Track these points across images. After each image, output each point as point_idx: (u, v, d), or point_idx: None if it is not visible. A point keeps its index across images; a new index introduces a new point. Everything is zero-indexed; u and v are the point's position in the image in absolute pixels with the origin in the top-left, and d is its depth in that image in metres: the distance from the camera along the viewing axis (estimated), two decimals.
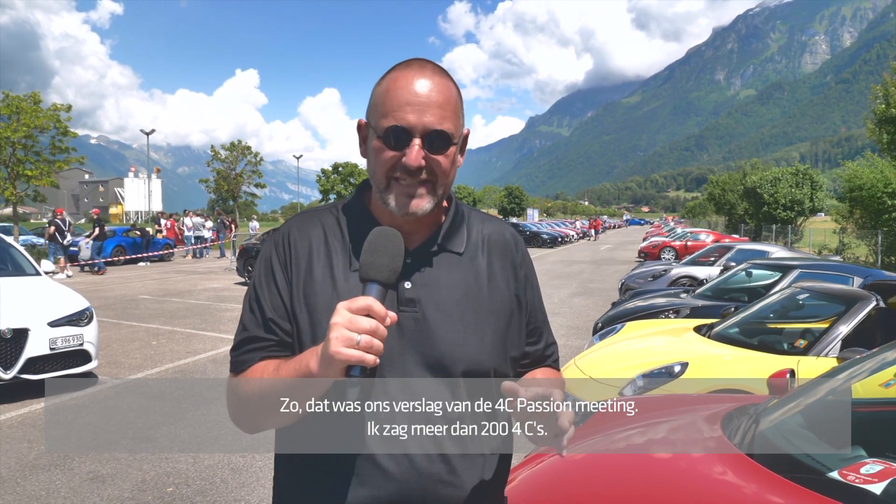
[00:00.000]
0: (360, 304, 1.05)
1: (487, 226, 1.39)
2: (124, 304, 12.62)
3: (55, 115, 23.53)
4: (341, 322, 1.03)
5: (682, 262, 14.50)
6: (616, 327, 6.35)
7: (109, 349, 8.30)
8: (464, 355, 1.23)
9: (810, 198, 35.29)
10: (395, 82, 1.21)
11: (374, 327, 1.03)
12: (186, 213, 28.57)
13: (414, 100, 1.18)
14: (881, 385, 2.80)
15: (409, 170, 1.18)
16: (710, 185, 55.67)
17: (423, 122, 1.18)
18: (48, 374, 6.15)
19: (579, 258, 28.13)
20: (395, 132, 1.18)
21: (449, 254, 1.30)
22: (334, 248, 1.28)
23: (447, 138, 1.20)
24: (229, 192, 42.64)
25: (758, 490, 2.19)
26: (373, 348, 1.03)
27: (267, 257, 1.31)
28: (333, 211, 1.35)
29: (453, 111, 1.22)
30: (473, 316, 1.26)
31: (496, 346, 1.28)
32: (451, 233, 1.32)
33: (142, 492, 4.16)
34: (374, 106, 1.24)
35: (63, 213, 19.91)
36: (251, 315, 1.28)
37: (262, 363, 1.23)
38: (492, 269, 1.33)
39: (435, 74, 1.23)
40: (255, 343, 1.25)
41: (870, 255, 21.83)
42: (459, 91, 1.28)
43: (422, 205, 1.21)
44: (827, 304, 5.45)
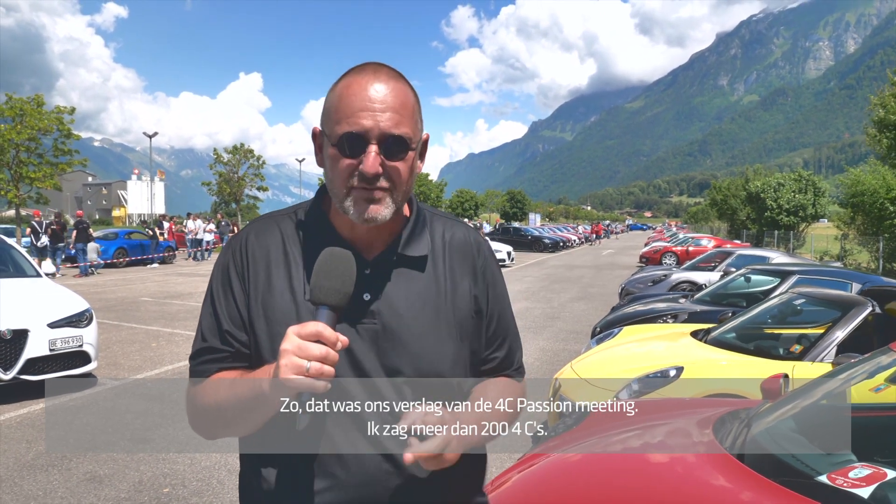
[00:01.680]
0: (309, 329, 1.04)
1: (449, 229, 1.35)
2: (125, 306, 12.65)
3: (59, 117, 23.65)
4: (290, 349, 1.03)
5: (683, 268, 14.51)
6: (613, 331, 6.35)
7: (109, 351, 8.32)
8: (424, 366, 1.22)
9: (813, 204, 35.29)
10: (348, 88, 1.17)
11: (325, 354, 1.03)
12: (190, 216, 28.62)
13: (368, 105, 1.14)
14: (871, 390, 2.81)
15: (367, 177, 1.15)
16: (712, 191, 55.66)
17: (378, 127, 1.14)
18: (48, 374, 6.17)
19: (580, 263, 28.13)
20: (349, 139, 1.14)
21: (409, 262, 1.27)
22: (293, 257, 1.26)
23: (405, 143, 1.17)
24: (232, 196, 42.70)
25: (747, 493, 2.20)
26: (323, 374, 1.02)
27: (224, 265, 1.29)
28: (292, 216, 1.32)
29: (410, 115, 1.19)
30: (434, 327, 1.25)
31: (457, 355, 1.27)
32: (412, 240, 1.29)
33: (138, 492, 4.18)
34: (327, 113, 1.20)
35: (39, 216, 20.01)
36: (209, 323, 1.27)
37: (218, 376, 1.23)
38: (453, 274, 1.30)
39: (390, 78, 1.19)
40: (213, 354, 1.25)
41: (871, 261, 21.82)
42: (416, 95, 1.24)
43: (381, 211, 1.18)
44: (823, 309, 5.45)
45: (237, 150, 42.14)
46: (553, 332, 10.54)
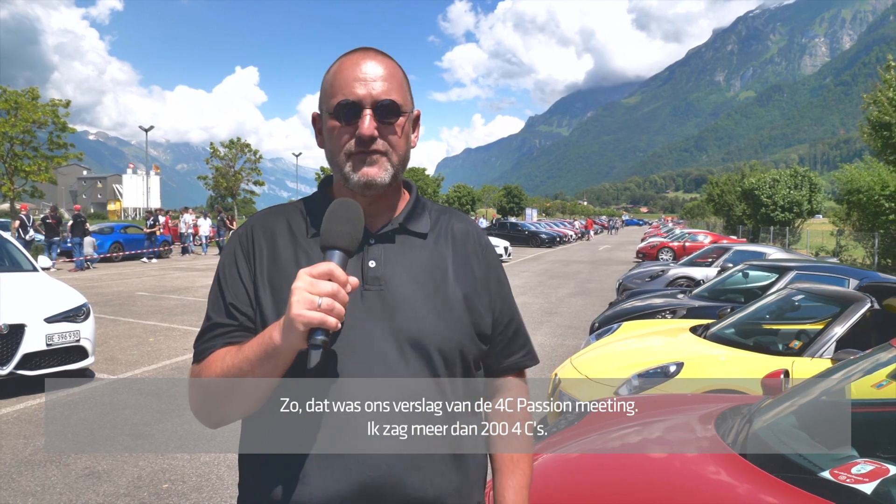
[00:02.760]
0: (321, 268, 1.06)
1: (449, 218, 1.40)
2: (121, 301, 12.62)
3: (53, 110, 23.52)
4: (302, 286, 1.05)
5: (680, 263, 14.52)
6: (612, 327, 6.36)
7: (106, 346, 8.30)
8: (432, 328, 1.23)
9: (808, 200, 35.35)
10: (341, 66, 1.27)
11: (336, 290, 1.05)
12: (187, 210, 28.55)
13: (360, 76, 1.23)
14: (873, 386, 2.81)
15: (363, 140, 1.22)
16: (709, 186, 55.74)
17: (370, 94, 1.22)
18: (44, 370, 6.15)
19: (577, 258, 28.15)
20: (345, 106, 1.23)
21: (412, 236, 1.32)
22: (298, 234, 1.30)
23: (396, 108, 1.24)
24: (228, 190, 42.61)
25: (750, 489, 2.20)
26: (334, 311, 1.04)
27: (230, 251, 1.32)
28: (297, 205, 1.38)
29: (399, 85, 1.27)
30: (437, 293, 1.27)
31: (463, 322, 1.28)
32: (413, 216, 1.34)
33: (137, 488, 4.17)
34: (323, 92, 1.29)
35: (27, 209, 19.96)
36: (213, 304, 1.29)
37: (224, 349, 1.22)
38: (455, 255, 1.34)
39: (379, 55, 1.29)
40: (217, 330, 1.26)
41: (867, 257, 21.88)
42: (404, 71, 1.33)
43: (379, 173, 1.24)
44: (822, 305, 5.46)
45: (234, 144, 42.06)
46: (551, 327, 10.55)
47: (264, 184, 45.75)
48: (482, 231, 1.44)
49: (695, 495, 2.25)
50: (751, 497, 2.17)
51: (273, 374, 1.13)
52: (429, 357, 1.22)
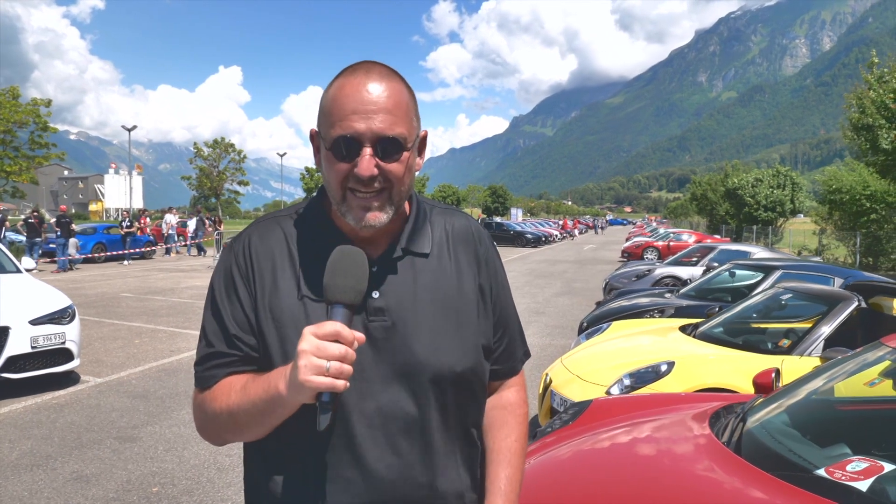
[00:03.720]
0: (327, 329, 1.02)
1: (450, 220, 1.36)
2: (105, 302, 12.49)
3: (35, 109, 23.23)
4: (309, 349, 1.01)
5: (666, 263, 14.60)
6: (602, 326, 6.38)
7: (91, 347, 8.21)
8: (437, 361, 1.21)
9: (791, 199, 35.73)
10: (340, 89, 1.16)
11: (343, 353, 1.01)
12: (170, 211, 28.31)
13: (361, 107, 1.13)
14: (866, 384, 2.83)
15: (362, 180, 1.13)
16: (692, 186, 56.15)
17: (371, 129, 1.12)
18: (29, 372, 6.07)
19: (563, 258, 28.23)
20: (344, 142, 1.13)
21: (414, 256, 1.27)
22: (298, 258, 1.24)
23: (399, 144, 1.15)
24: (212, 190, 42.31)
25: (747, 487, 2.22)
26: (342, 374, 1.01)
27: (227, 268, 1.26)
28: (294, 216, 1.31)
29: (405, 114, 1.17)
30: (444, 319, 1.24)
31: (469, 346, 1.26)
32: (415, 235, 1.28)
33: (127, 492, 4.12)
34: (322, 115, 1.19)
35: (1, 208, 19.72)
36: (214, 328, 1.24)
37: (228, 380, 1.20)
38: (458, 264, 1.30)
39: (383, 78, 1.17)
40: (220, 359, 1.22)
41: (848, 256, 22.15)
42: (412, 91, 1.23)
43: (379, 217, 1.17)
44: (809, 304, 5.51)
45: (218, 144, 41.78)
46: (539, 327, 10.57)
47: (249, 184, 45.49)
48: (483, 229, 1.41)
49: (693, 494, 2.26)
50: (748, 495, 2.18)
51: (279, 418, 1.12)
52: (433, 386, 1.21)
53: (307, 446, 1.18)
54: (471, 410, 1.30)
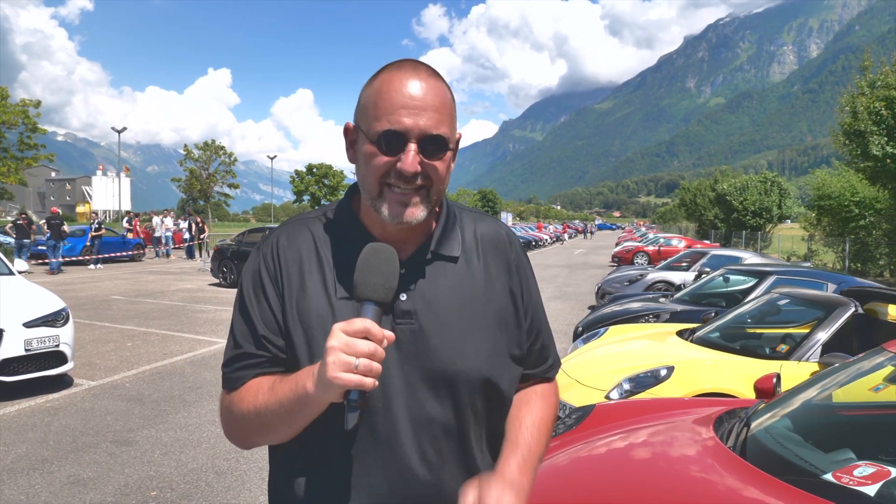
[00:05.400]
0: (357, 326, 1.01)
1: (481, 225, 1.34)
2: (96, 305, 12.40)
3: (24, 110, 23.04)
4: (338, 346, 1.00)
5: (658, 268, 14.65)
6: (599, 331, 6.39)
7: (83, 350, 8.14)
8: (464, 365, 1.20)
9: (779, 205, 35.98)
10: (388, 84, 1.15)
11: (373, 350, 1.00)
12: (168, 213, 28.10)
13: (409, 102, 1.12)
14: (871, 389, 2.86)
15: (404, 176, 1.13)
16: (681, 191, 56.44)
17: (418, 125, 1.12)
18: (23, 375, 6.02)
19: (553, 262, 28.29)
20: (389, 136, 1.12)
21: (443, 260, 1.25)
22: (326, 259, 1.23)
23: (444, 143, 1.15)
24: (201, 192, 42.11)
25: (756, 492, 2.23)
26: (371, 371, 1.00)
27: (256, 269, 1.26)
28: (322, 218, 1.30)
29: (449, 115, 1.17)
30: (471, 323, 1.22)
31: (496, 351, 1.25)
32: (445, 238, 1.27)
33: (125, 496, 4.09)
34: (364, 108, 1.18)
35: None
36: (242, 329, 1.23)
37: (256, 381, 1.19)
38: (488, 270, 1.29)
39: (430, 76, 1.17)
40: (248, 360, 1.21)
41: (837, 261, 22.31)
42: (453, 94, 1.23)
43: (416, 213, 1.16)
44: (805, 309, 5.55)
45: (208, 146, 41.60)
46: None
47: (238, 186, 45.29)
48: (513, 234, 1.40)
49: (702, 497, 2.27)
50: (759, 500, 2.19)
51: (307, 418, 1.11)
52: (460, 391, 1.20)
53: (332, 450, 1.17)
54: (498, 417, 1.29)
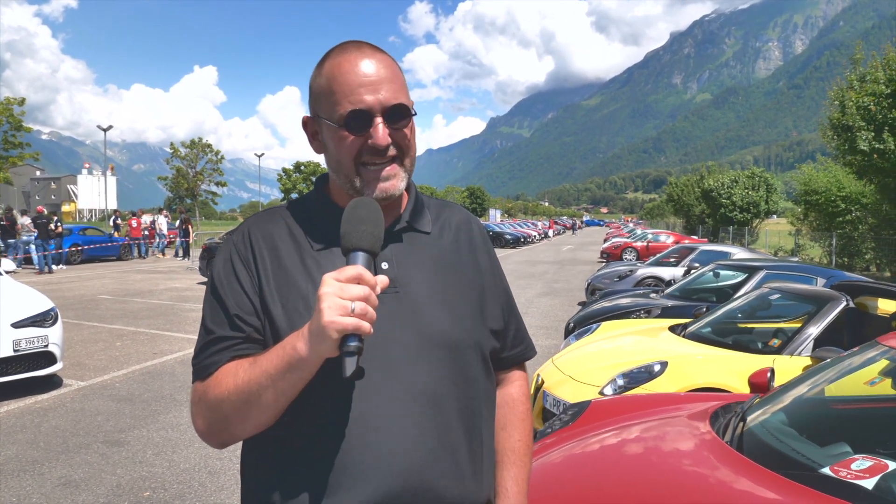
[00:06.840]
0: (349, 272, 1.01)
1: (447, 211, 1.38)
2: (83, 304, 12.29)
3: (8, 109, 22.80)
4: (332, 291, 0.99)
5: (647, 263, 14.70)
6: (591, 327, 6.40)
7: (72, 350, 8.07)
8: (451, 328, 1.21)
9: (765, 200, 36.21)
10: (339, 67, 1.17)
11: (367, 294, 1.00)
12: (161, 212, 27.89)
13: (365, 80, 1.16)
14: (866, 383, 2.87)
15: (377, 150, 1.16)
16: (669, 187, 56.70)
17: (379, 100, 1.16)
18: (11, 376, 5.96)
19: (542, 258, 28.34)
20: (355, 116, 1.15)
21: (417, 233, 1.29)
22: (300, 237, 1.23)
23: (406, 110, 1.19)
24: (188, 191, 41.85)
25: (754, 486, 2.23)
26: (367, 315, 0.99)
27: (226, 258, 1.23)
28: (292, 206, 1.31)
29: (402, 84, 1.21)
30: (451, 291, 1.25)
31: (476, 319, 1.27)
32: (416, 214, 1.30)
33: (117, 497, 4.05)
34: (321, 97, 1.20)
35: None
36: (214, 314, 1.19)
37: (232, 363, 1.13)
38: (459, 248, 1.32)
39: (375, 52, 1.21)
40: (221, 343, 1.16)
41: (824, 256, 22.48)
42: (398, 64, 1.27)
43: (397, 184, 1.20)
44: (797, 304, 5.58)
45: (195, 144, 41.33)
46: None
47: (226, 184, 45.03)
48: (479, 222, 1.43)
49: (700, 492, 2.27)
50: (756, 493, 2.20)
51: (297, 386, 1.06)
52: (451, 357, 1.19)
53: (318, 430, 1.12)
54: (486, 383, 1.29)
